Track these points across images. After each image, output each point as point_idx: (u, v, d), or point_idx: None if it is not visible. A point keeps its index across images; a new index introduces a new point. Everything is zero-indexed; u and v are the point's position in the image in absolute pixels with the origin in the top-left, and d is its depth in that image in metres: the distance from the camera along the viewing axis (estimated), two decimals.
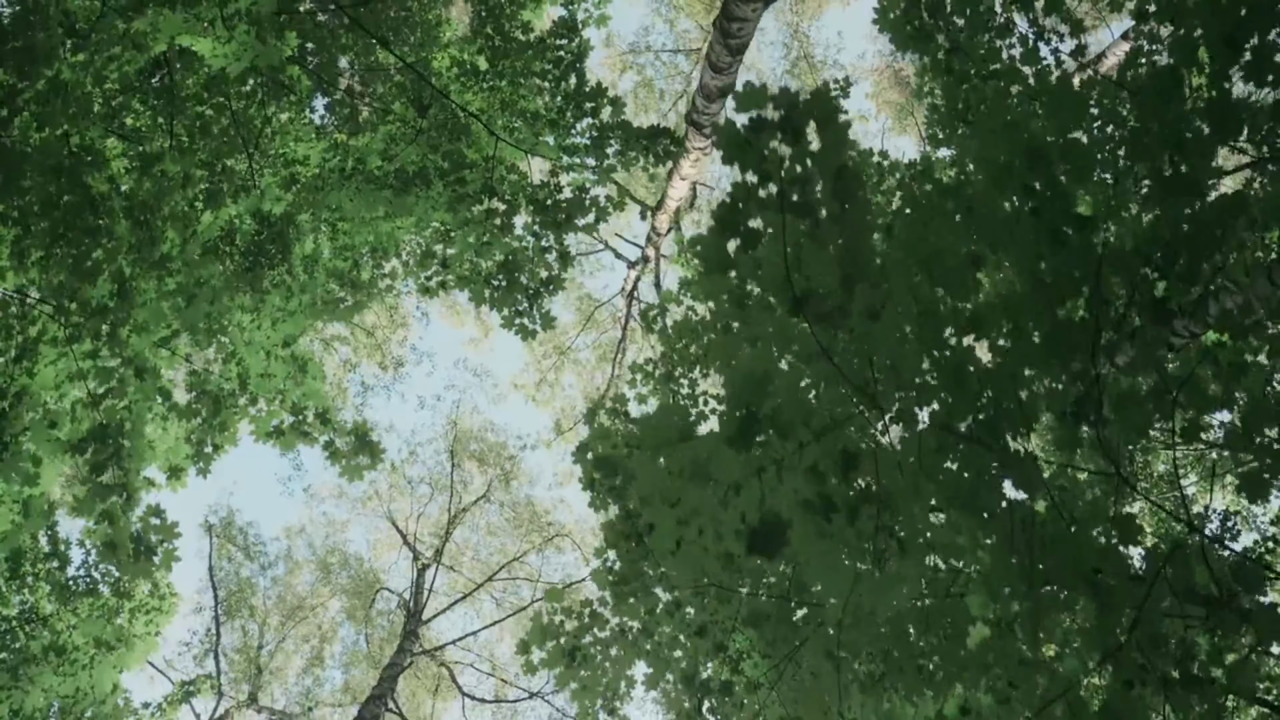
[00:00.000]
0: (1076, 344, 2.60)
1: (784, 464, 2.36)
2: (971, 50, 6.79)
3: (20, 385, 5.56)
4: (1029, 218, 2.51)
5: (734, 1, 6.15)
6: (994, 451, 2.76)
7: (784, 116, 2.12)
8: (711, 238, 2.27)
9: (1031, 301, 2.55)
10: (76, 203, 5.49)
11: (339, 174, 7.24)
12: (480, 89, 7.84)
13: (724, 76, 7.32)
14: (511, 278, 6.96)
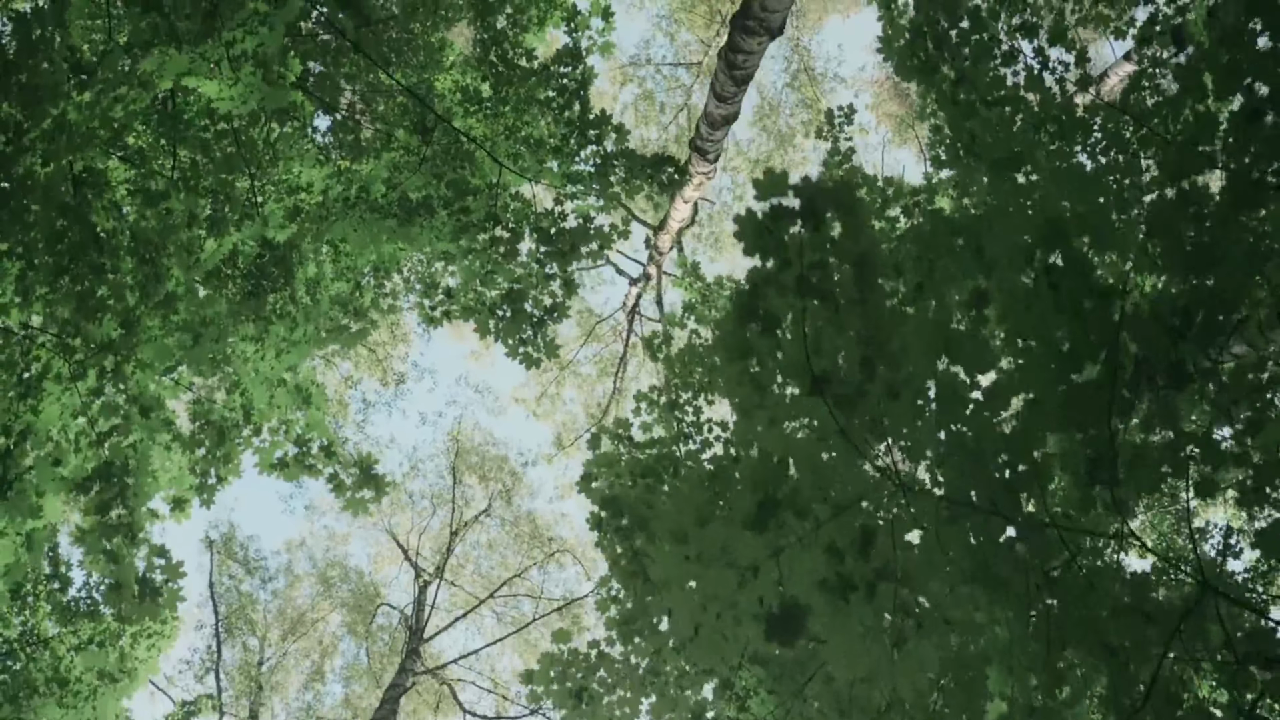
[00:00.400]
0: (1092, 406, 2.59)
1: (801, 543, 2.35)
2: (977, 79, 6.79)
3: (25, 422, 5.54)
4: (1048, 293, 2.50)
5: (740, 35, 6.14)
6: (1008, 520, 2.75)
7: (804, 204, 2.11)
8: (731, 326, 2.26)
9: (1049, 372, 2.54)
10: (81, 239, 5.47)
11: (343, 203, 7.23)
12: (484, 115, 7.84)
13: (728, 106, 7.32)
14: (516, 307, 6.95)
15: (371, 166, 7.78)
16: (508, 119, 7.92)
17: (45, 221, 5.55)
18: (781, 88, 21.66)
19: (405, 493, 17.61)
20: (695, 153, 8.37)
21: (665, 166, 7.20)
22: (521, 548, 17.34)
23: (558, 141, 7.68)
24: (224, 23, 5.27)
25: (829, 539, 2.37)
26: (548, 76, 7.61)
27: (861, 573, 2.37)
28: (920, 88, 6.87)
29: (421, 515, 18.02)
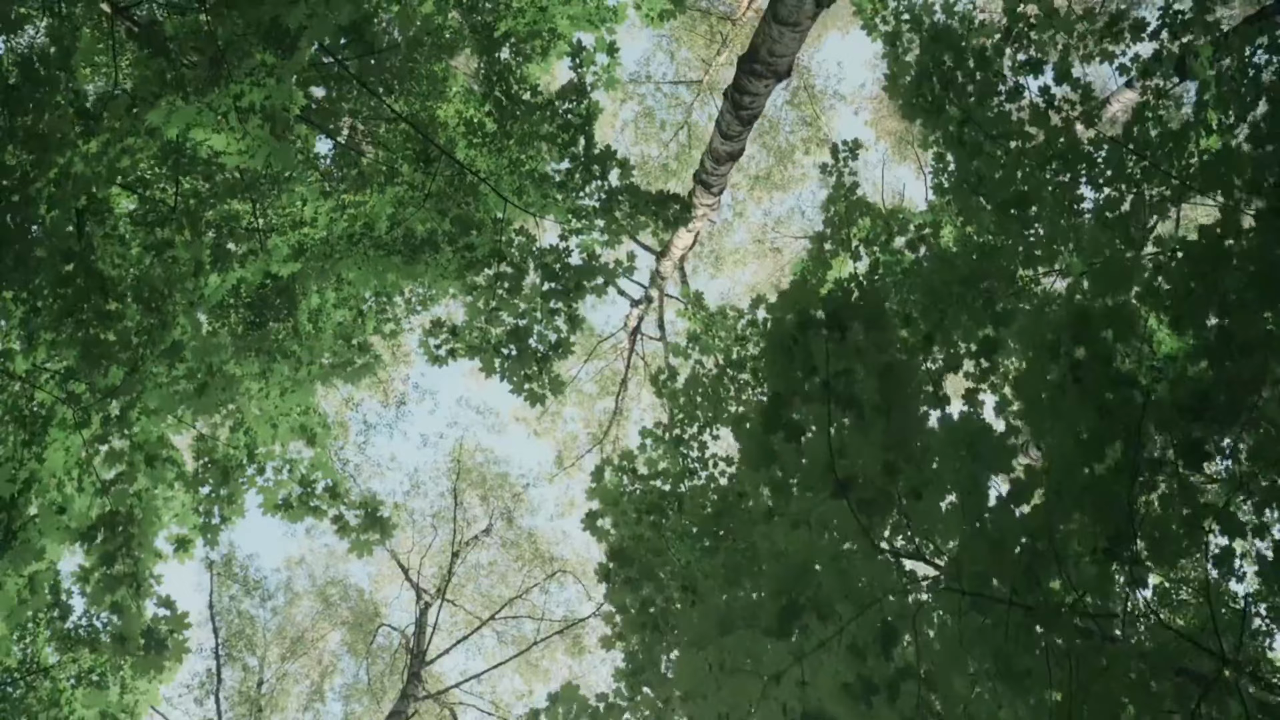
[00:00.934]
0: (1112, 490, 2.57)
1: (824, 646, 2.33)
2: (982, 119, 6.79)
3: (29, 470, 5.50)
4: (1073, 386, 2.49)
5: (746, 78, 6.14)
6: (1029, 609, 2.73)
7: (830, 314, 2.09)
8: (754, 434, 2.24)
9: (1071, 461, 2.52)
10: (86, 285, 5.45)
11: (347, 239, 7.21)
12: (488, 150, 7.83)
13: (733, 143, 7.31)
14: (521, 346, 6.93)
15: (375, 200, 7.76)
16: (512, 152, 7.91)
17: (50, 266, 5.53)
18: (781, 105, 21.69)
19: (406, 512, 17.56)
20: (699, 185, 8.35)
21: (670, 204, 7.18)
22: (523, 567, 17.29)
23: (562, 176, 7.67)
24: (231, 70, 5.26)
25: (851, 638, 2.35)
26: (552, 112, 7.59)
27: (884, 673, 2.35)
28: (926, 128, 6.87)
29: (422, 533, 17.98)
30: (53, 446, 5.59)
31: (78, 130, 5.56)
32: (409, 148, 7.92)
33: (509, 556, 17.50)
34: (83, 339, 5.49)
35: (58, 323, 5.56)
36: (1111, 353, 2.47)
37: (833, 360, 2.12)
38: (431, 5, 8.03)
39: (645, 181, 21.68)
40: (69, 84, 5.69)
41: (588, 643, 17.24)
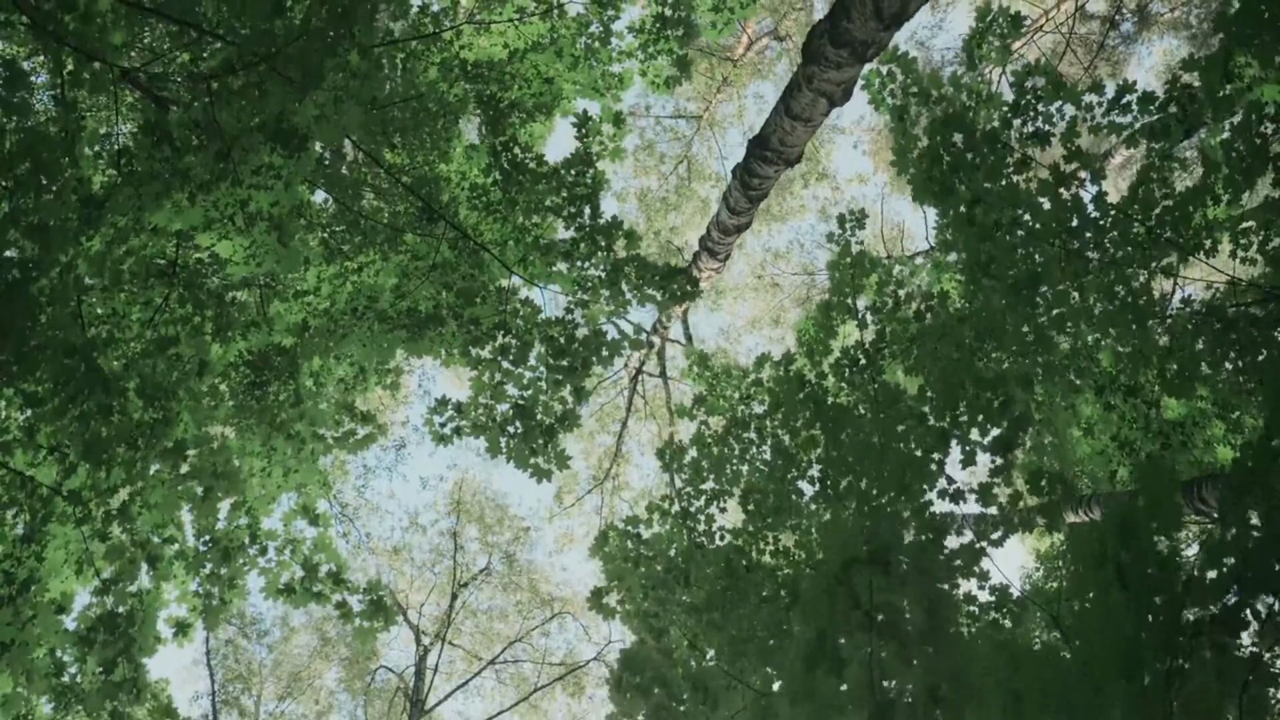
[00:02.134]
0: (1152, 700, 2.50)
1: None
2: (993, 199, 6.75)
3: (28, 569, 5.40)
4: (1120, 594, 2.42)
5: (756, 162, 6.10)
6: None
7: (873, 551, 2.02)
8: (797, 673, 2.17)
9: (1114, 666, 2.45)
10: (88, 379, 5.36)
11: (351, 313, 7.14)
12: (493, 218, 7.77)
13: (741, 218, 7.27)
14: (527, 424, 6.84)
15: (379, 267, 7.69)
16: (516, 219, 7.85)
17: (52, 360, 5.44)
18: None
19: (405, 548, 17.42)
20: (705, 252, 8.31)
21: (677, 278, 7.12)
22: (523, 608, 17.16)
23: (568, 246, 7.61)
24: (237, 164, 5.19)
25: None
26: (558, 181, 7.54)
27: None
28: (937, 209, 6.84)
29: (421, 569, 17.83)
30: (52, 544, 5.49)
31: (80, 218, 5.49)
32: (411, 210, 7.84)
33: (509, 597, 17.37)
34: (84, 435, 5.40)
35: (59, 416, 5.47)
36: (1156, 554, 2.41)
37: (876, 594, 2.06)
38: (436, 73, 7.99)
39: (647, 215, 21.65)
40: (74, 172, 5.62)
41: (587, 683, 17.10)
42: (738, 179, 6.54)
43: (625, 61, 8.08)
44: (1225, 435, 8.59)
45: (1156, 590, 2.44)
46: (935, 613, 2.15)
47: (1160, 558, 2.60)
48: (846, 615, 2.08)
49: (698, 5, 7.78)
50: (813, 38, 4.50)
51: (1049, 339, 6.84)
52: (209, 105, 5.46)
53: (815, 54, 4.47)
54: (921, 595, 2.11)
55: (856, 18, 4.03)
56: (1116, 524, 2.39)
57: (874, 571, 2.05)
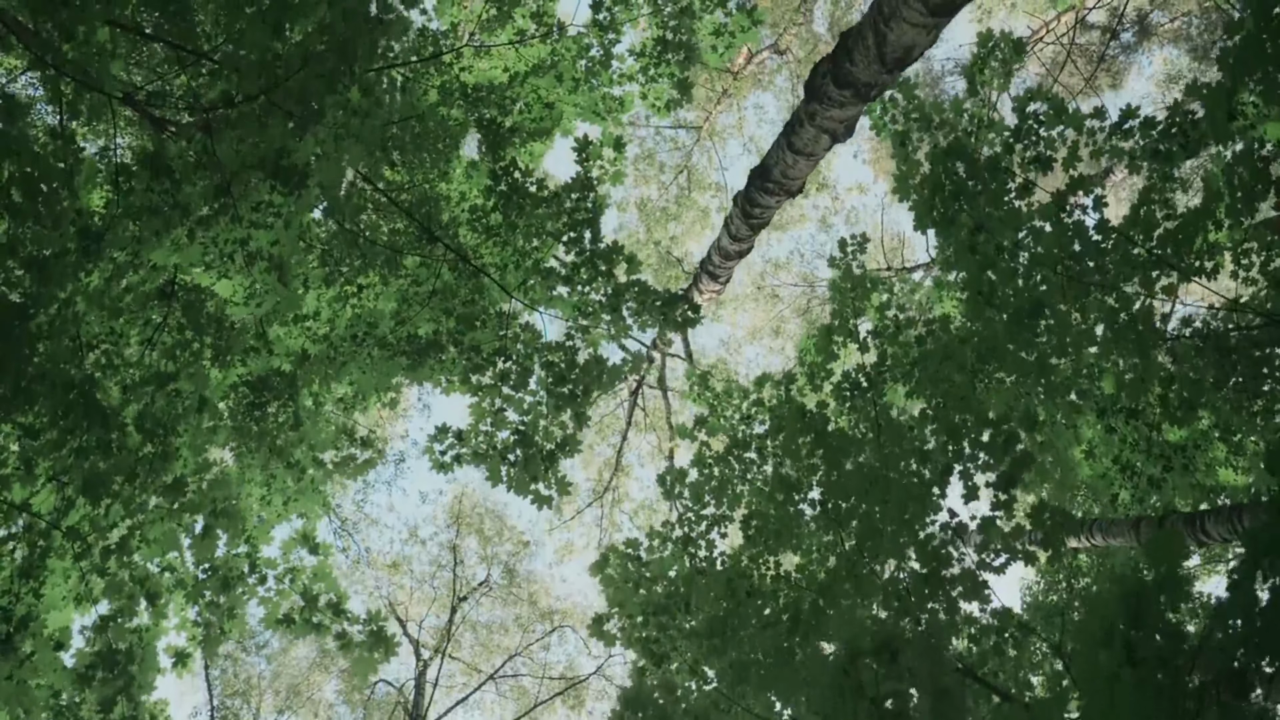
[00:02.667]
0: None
1: None
2: (995, 226, 6.73)
3: (27, 605, 5.37)
4: (1130, 672, 2.40)
5: (758, 192, 6.08)
6: None
7: (882, 644, 2.00)
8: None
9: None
10: (87, 414, 5.33)
11: (351, 340, 7.11)
12: (493, 241, 7.74)
13: (742, 244, 7.25)
14: (528, 453, 6.82)
15: (379, 294, 7.67)
16: (516, 242, 7.83)
17: (49, 394, 5.42)
18: None
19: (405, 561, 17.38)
20: (706, 275, 8.29)
21: (678, 304, 7.10)
22: (523, 621, 17.12)
23: (568, 270, 7.59)
24: (236, 198, 5.17)
25: None
26: (558, 206, 7.52)
27: None
28: (939, 238, 6.82)
29: (420, 583, 17.79)
30: (51, 580, 5.46)
31: (79, 249, 5.46)
32: (411, 225, 7.81)
33: (509, 610, 17.33)
34: (83, 468, 5.38)
35: (56, 449, 5.45)
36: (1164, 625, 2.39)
37: (883, 684, 2.04)
38: (436, 95, 7.97)
39: (647, 225, 21.62)
40: (73, 204, 5.60)
41: (588, 697, 17.06)
42: (739, 207, 6.51)
43: (626, 84, 8.06)
44: (1227, 458, 8.58)
45: (1164, 661, 2.42)
46: (943, 703, 2.12)
47: (1169, 628, 2.58)
48: (854, 706, 2.06)
49: (699, 29, 7.76)
50: (815, 76, 4.48)
51: (1051, 366, 6.82)
52: (207, 138, 5.44)
53: (818, 92, 4.45)
54: (930, 685, 2.09)
55: (860, 60, 4.01)
56: (1123, 602, 2.37)
57: (881, 661, 2.03)
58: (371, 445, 7.78)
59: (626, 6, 7.95)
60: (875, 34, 3.78)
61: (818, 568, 7.82)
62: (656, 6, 7.89)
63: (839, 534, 7.53)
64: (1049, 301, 6.72)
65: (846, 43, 4.08)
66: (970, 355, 7.64)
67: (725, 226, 7.30)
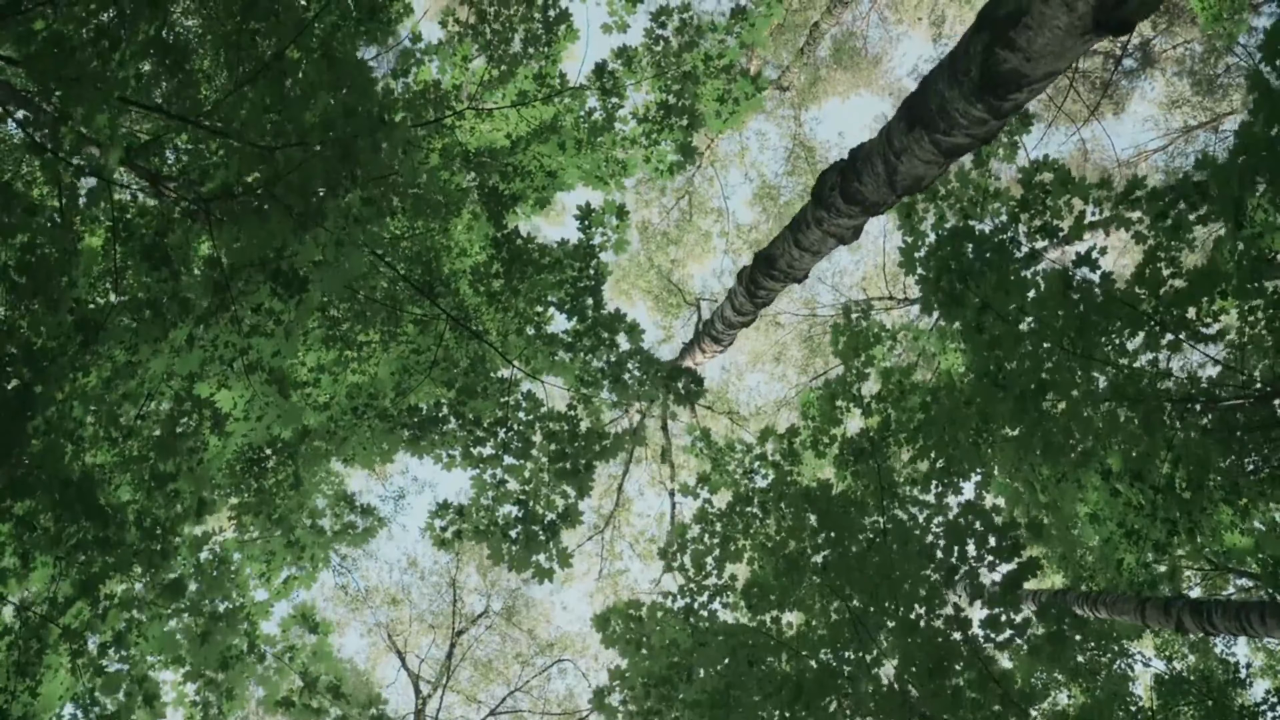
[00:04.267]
0: None
1: None
2: (1001, 305, 6.68)
3: (23, 704, 5.32)
4: None
5: (763, 276, 6.03)
6: None
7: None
8: None
9: None
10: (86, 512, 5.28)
11: (351, 413, 7.05)
12: (494, 307, 7.69)
13: (744, 317, 7.20)
14: (529, 530, 6.76)
15: (379, 360, 7.61)
16: (518, 306, 7.77)
17: (48, 488, 5.36)
18: (780, 174, 21.65)
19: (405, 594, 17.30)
20: (709, 338, 8.24)
21: (682, 378, 7.05)
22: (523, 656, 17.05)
23: (570, 337, 7.54)
24: (236, 298, 5.11)
25: None
26: (560, 274, 7.46)
27: None
28: (945, 318, 6.77)
29: (420, 616, 17.72)
30: (48, 675, 5.41)
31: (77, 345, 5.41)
32: (411, 275, 7.73)
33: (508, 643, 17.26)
34: (81, 563, 5.32)
35: (54, 545, 5.39)
36: None
37: None
38: (437, 158, 7.91)
39: (648, 250, 21.53)
40: (71, 293, 5.55)
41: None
42: (743, 285, 6.47)
43: (629, 148, 8.01)
44: (1233, 522, 8.52)
45: None
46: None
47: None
48: None
49: (702, 94, 7.71)
50: (823, 185, 4.43)
51: (1058, 446, 6.76)
52: (207, 229, 5.39)
53: (825, 202, 4.40)
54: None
55: (869, 182, 3.96)
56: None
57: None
58: (371, 513, 7.72)
59: (629, 69, 7.90)
60: (885, 164, 3.74)
61: (819, 622, 7.77)
62: (660, 69, 7.84)
63: (844, 602, 7.48)
64: (1055, 385, 6.68)
65: (855, 163, 4.03)
66: (975, 417, 7.60)
67: (729, 298, 7.25)
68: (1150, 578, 8.18)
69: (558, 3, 7.80)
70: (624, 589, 20.93)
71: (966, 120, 3.16)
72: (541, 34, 7.76)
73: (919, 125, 3.35)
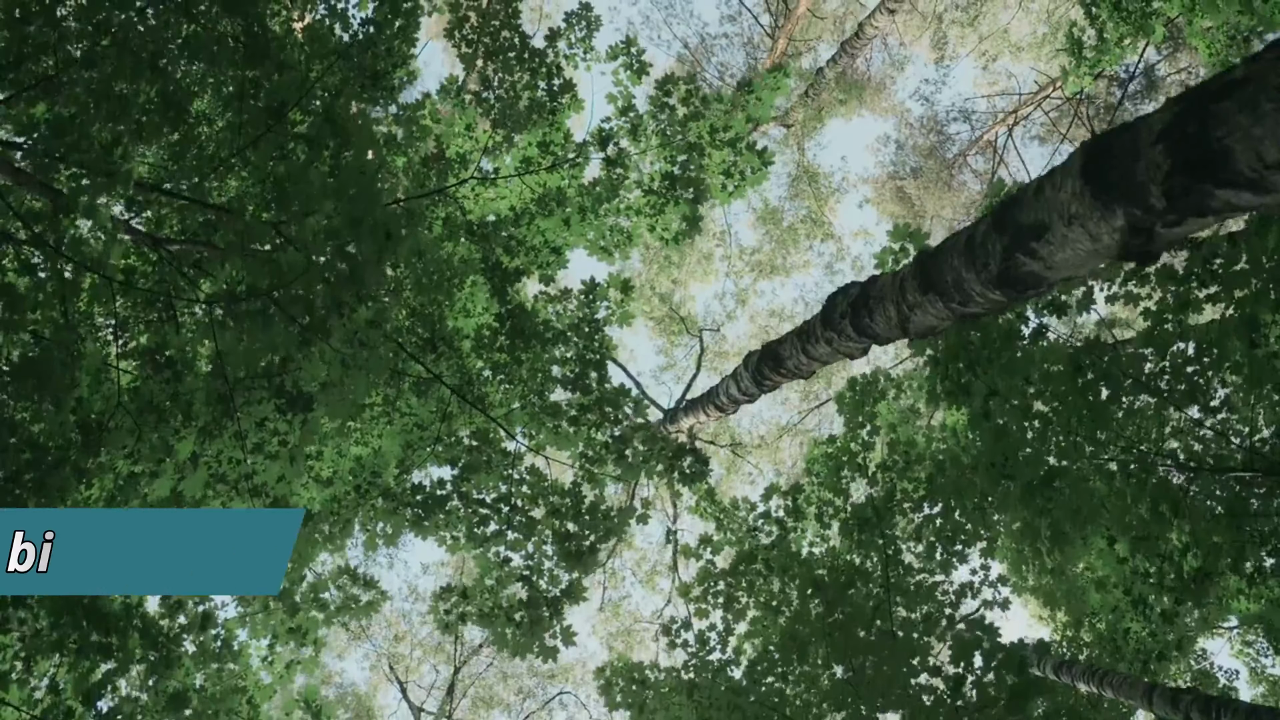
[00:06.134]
0: None
1: None
2: (1009, 390, 6.64)
3: None
4: None
5: (769, 370, 6.00)
6: None
7: None
8: None
9: None
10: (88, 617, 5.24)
11: (355, 491, 7.01)
12: (498, 381, 7.64)
13: (749, 397, 7.17)
14: (534, 614, 6.72)
15: (382, 433, 7.56)
16: (521, 375, 7.72)
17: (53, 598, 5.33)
18: (782, 198, 21.57)
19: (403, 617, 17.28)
20: (713, 406, 8.21)
21: (687, 457, 7.01)
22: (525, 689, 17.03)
23: (575, 410, 7.49)
24: (239, 411, 5.07)
25: None
26: (565, 347, 7.42)
27: None
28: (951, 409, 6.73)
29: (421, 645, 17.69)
30: None
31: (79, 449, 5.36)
32: (412, 355, 7.68)
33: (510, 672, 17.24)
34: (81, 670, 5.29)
35: (56, 649, 5.35)
36: None
37: None
38: (440, 228, 7.86)
39: (649, 273, 21.43)
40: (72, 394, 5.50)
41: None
42: (750, 372, 6.44)
43: (633, 217, 7.97)
44: (1239, 588, 8.49)
45: None
46: None
47: None
48: None
49: (708, 166, 7.66)
50: (833, 309, 4.39)
51: (1064, 535, 6.73)
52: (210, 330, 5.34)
53: (835, 328, 4.36)
54: None
55: (880, 321, 3.92)
56: None
57: None
58: (374, 586, 7.68)
59: (634, 138, 7.84)
60: (898, 311, 3.69)
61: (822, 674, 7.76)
62: (665, 138, 7.78)
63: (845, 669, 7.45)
64: (1063, 473, 6.65)
65: (868, 300, 3.98)
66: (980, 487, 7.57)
67: (735, 378, 7.21)
68: (1159, 648, 8.15)
69: (562, 72, 7.75)
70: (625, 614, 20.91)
71: (983, 299, 3.12)
72: (546, 102, 7.71)
73: (934, 291, 3.31)
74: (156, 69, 5.77)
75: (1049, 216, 2.57)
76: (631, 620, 20.38)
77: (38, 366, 5.35)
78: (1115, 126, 2.42)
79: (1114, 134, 2.34)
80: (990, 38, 21.80)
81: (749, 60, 21.50)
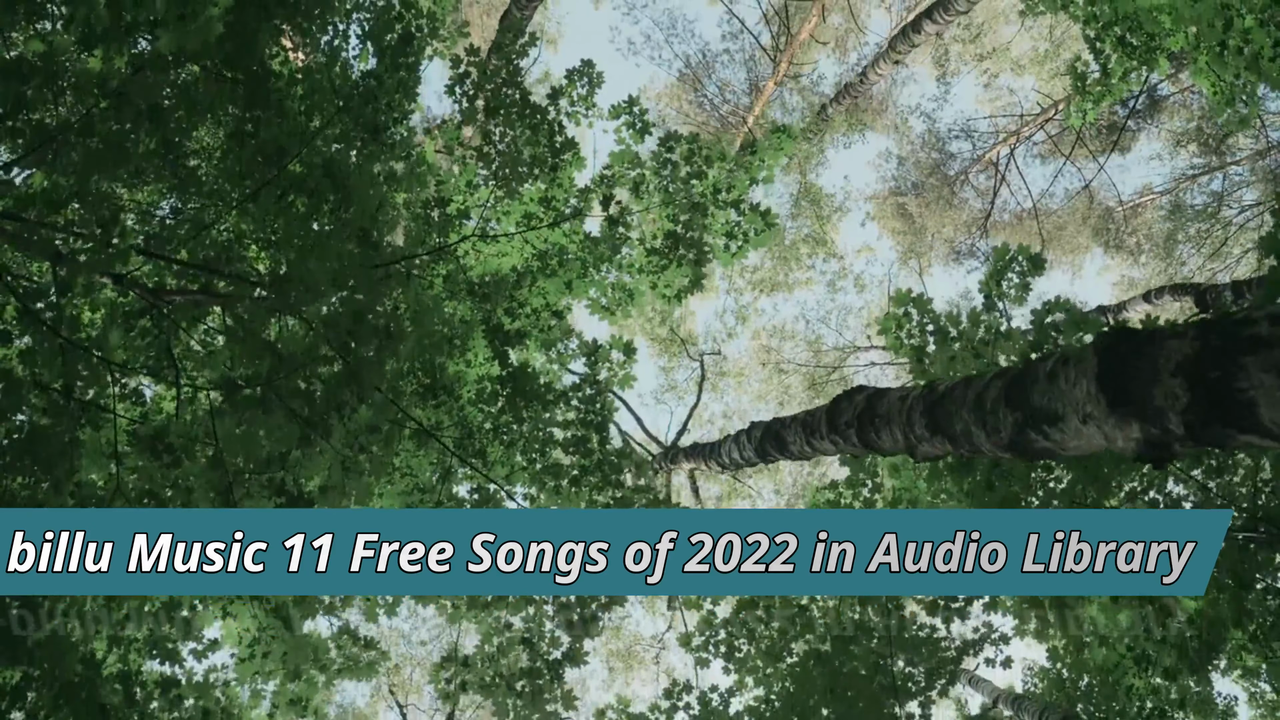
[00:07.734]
0: None
1: None
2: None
3: None
4: None
5: (773, 448, 5.97)
6: None
7: None
8: None
9: None
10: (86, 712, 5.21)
11: None
12: (499, 442, 7.60)
13: (750, 464, 7.14)
14: (536, 686, 6.70)
15: (384, 494, 7.52)
16: (522, 430, 7.68)
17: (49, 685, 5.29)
18: (784, 216, 21.47)
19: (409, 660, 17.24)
20: (715, 461, 8.19)
21: None
22: None
23: (575, 474, 7.46)
24: (238, 502, 5.03)
25: None
26: (568, 415, 7.38)
27: None
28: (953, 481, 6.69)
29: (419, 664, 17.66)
30: None
31: None
32: (414, 422, 7.65)
33: None
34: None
35: None
36: None
37: None
38: (440, 285, 7.81)
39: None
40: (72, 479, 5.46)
41: None
42: (753, 445, 6.41)
43: (635, 275, 7.92)
44: (1244, 643, 8.46)
45: None
46: None
47: None
48: None
49: (711, 226, 7.61)
50: (838, 416, 4.36)
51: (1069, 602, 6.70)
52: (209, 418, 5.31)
53: (840, 433, 4.33)
54: None
55: (886, 440, 3.89)
56: None
57: None
58: (374, 646, 7.64)
59: (637, 196, 7.80)
60: (905, 439, 3.66)
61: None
62: (668, 195, 7.73)
63: None
64: None
65: (874, 418, 3.95)
66: None
67: (737, 444, 7.18)
68: (1161, 706, 8.12)
69: (564, 129, 7.70)
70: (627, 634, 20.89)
71: (992, 454, 3.09)
72: (548, 158, 7.65)
73: (942, 435, 3.28)
74: (155, 119, 5.68)
75: (1063, 408, 2.53)
76: (632, 640, 20.37)
77: (37, 446, 5.31)
78: (1128, 331, 2.37)
79: (1129, 346, 2.30)
80: (992, 55, 21.72)
81: (750, 77, 21.42)
